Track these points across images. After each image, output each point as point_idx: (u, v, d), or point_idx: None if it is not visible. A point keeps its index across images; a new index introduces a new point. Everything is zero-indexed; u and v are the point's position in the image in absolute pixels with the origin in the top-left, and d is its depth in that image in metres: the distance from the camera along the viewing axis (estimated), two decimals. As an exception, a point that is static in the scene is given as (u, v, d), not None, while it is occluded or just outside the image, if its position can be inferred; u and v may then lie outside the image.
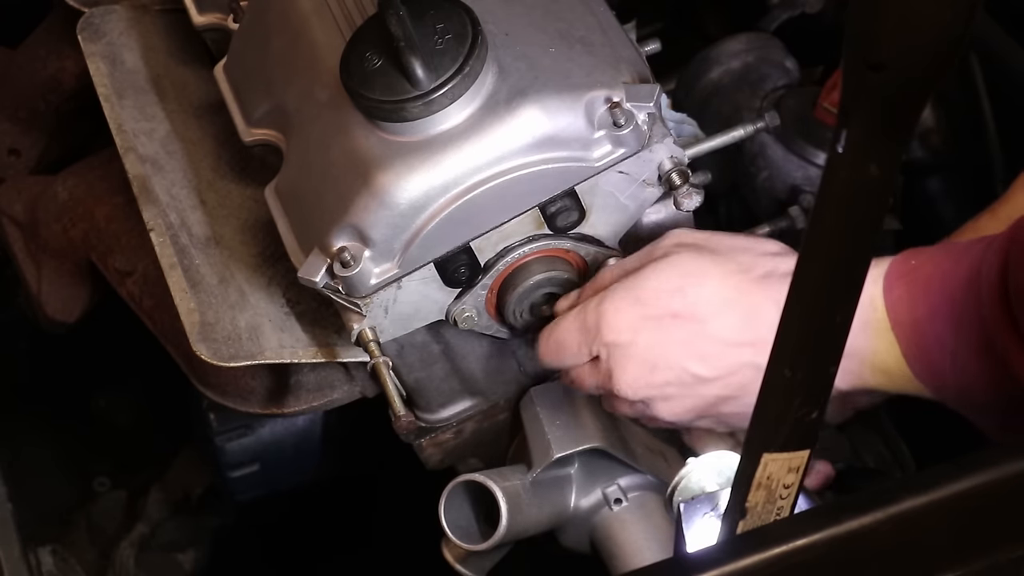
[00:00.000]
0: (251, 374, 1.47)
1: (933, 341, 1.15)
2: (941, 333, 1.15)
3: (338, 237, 1.27)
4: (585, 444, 1.38)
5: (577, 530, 1.45)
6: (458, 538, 1.36)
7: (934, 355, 1.16)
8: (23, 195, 1.65)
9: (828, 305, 0.87)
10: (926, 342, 1.16)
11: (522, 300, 1.34)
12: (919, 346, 1.16)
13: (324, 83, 1.31)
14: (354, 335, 1.31)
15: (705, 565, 0.97)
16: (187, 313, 1.37)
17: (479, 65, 1.24)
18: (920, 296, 1.15)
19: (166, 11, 1.60)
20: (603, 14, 1.36)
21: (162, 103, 1.53)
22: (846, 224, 0.83)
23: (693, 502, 1.10)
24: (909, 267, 1.17)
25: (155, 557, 1.88)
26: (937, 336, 1.15)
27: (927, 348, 1.16)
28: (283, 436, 1.68)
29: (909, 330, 1.16)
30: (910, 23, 0.74)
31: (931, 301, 1.15)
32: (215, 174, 1.49)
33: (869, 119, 0.79)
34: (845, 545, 0.95)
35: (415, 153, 1.25)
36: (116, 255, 1.56)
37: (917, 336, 1.16)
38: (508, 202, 1.28)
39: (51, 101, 1.75)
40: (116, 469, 1.96)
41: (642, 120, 1.28)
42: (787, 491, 0.97)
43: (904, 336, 1.16)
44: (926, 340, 1.16)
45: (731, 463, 1.14)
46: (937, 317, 1.14)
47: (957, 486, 0.96)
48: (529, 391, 1.44)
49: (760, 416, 0.93)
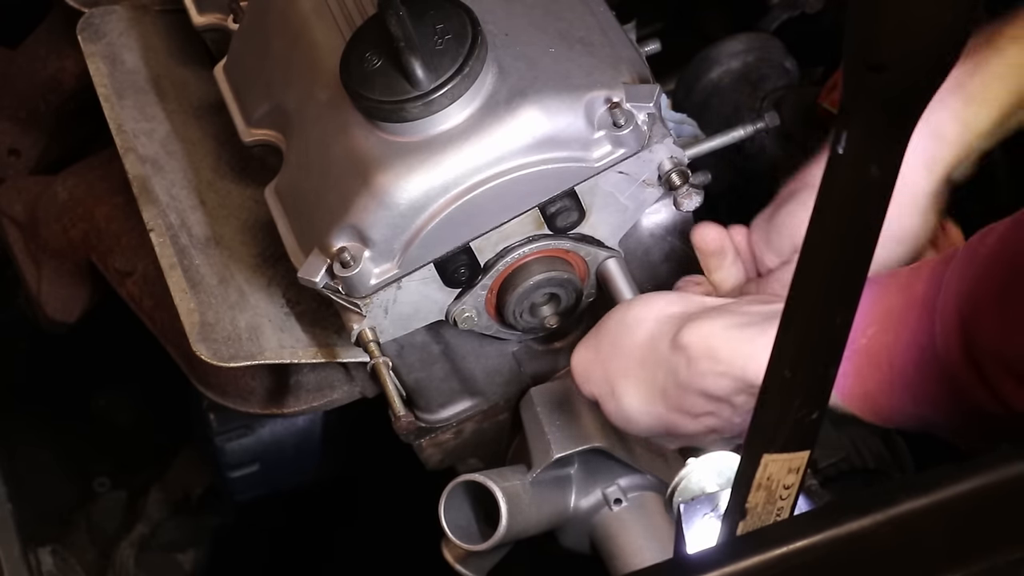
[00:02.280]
0: (251, 374, 1.47)
1: (888, 411, 1.11)
2: (897, 405, 1.10)
3: (338, 237, 1.26)
4: (585, 444, 1.38)
5: (577, 530, 1.45)
6: (458, 538, 1.36)
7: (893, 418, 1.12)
8: (23, 195, 1.65)
9: (828, 306, 0.87)
10: (882, 410, 1.12)
11: (522, 300, 1.34)
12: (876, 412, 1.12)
13: (324, 83, 1.31)
14: (354, 335, 1.31)
15: (705, 566, 0.97)
16: (187, 313, 1.37)
17: (479, 65, 1.24)
18: (867, 371, 1.10)
19: (166, 11, 1.60)
20: (603, 14, 1.36)
21: (162, 103, 1.53)
22: (846, 225, 0.83)
23: (693, 503, 1.10)
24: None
25: (155, 557, 1.88)
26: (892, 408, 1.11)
27: (883, 413, 1.12)
28: (283, 436, 1.68)
29: (861, 400, 1.12)
30: (910, 24, 0.74)
31: (880, 376, 1.10)
32: (215, 174, 1.49)
33: (869, 120, 0.79)
34: (845, 546, 0.95)
35: (415, 153, 1.25)
36: (116, 255, 1.56)
37: (872, 405, 1.12)
38: (508, 202, 1.28)
39: (51, 101, 1.75)
40: (116, 469, 1.96)
41: (642, 120, 1.28)
42: (787, 492, 0.97)
43: (857, 406, 1.12)
44: (880, 410, 1.12)
45: (731, 464, 1.14)
46: (890, 390, 1.10)
47: (957, 488, 0.96)
48: (529, 391, 1.44)
49: (760, 417, 0.93)
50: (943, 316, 1.06)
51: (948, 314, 1.05)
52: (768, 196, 1.56)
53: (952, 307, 1.05)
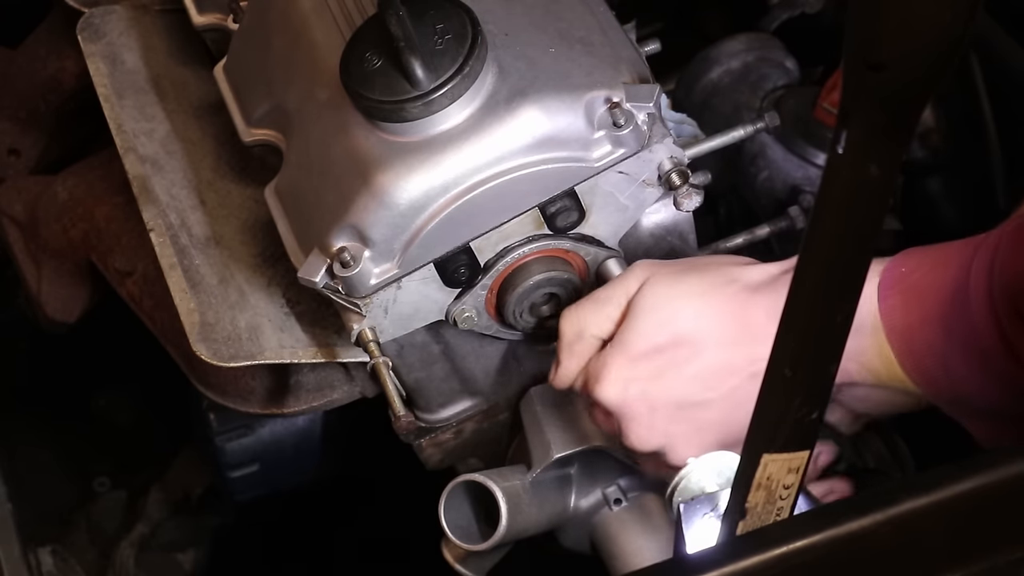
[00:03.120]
0: (251, 374, 1.47)
1: (925, 347, 1.16)
2: (933, 339, 1.15)
3: (338, 237, 1.26)
4: (585, 444, 1.38)
5: (577, 530, 1.45)
6: (458, 538, 1.36)
7: (926, 360, 1.17)
8: (23, 195, 1.65)
9: (828, 305, 0.87)
10: (918, 348, 1.16)
11: (522, 300, 1.34)
12: (912, 352, 1.17)
13: (324, 83, 1.31)
14: (354, 335, 1.31)
15: (705, 566, 0.97)
16: (187, 313, 1.37)
17: (479, 65, 1.24)
18: (913, 303, 1.16)
19: (166, 11, 1.60)
20: (603, 14, 1.36)
21: (162, 103, 1.53)
22: (846, 224, 0.83)
23: (693, 502, 1.10)
24: (901, 274, 1.18)
25: (155, 557, 1.88)
26: (929, 342, 1.16)
27: (919, 353, 1.17)
28: (283, 436, 1.68)
29: (902, 336, 1.17)
30: (910, 23, 0.74)
31: (924, 308, 1.16)
32: (215, 174, 1.49)
33: (869, 119, 0.79)
34: (845, 546, 0.95)
35: (415, 153, 1.25)
36: (116, 255, 1.56)
37: (910, 342, 1.17)
38: (508, 202, 1.28)
39: (51, 101, 1.75)
40: (116, 469, 1.96)
41: (642, 120, 1.28)
42: (787, 492, 0.97)
43: (897, 342, 1.17)
44: (918, 346, 1.16)
45: (731, 463, 1.14)
46: (929, 323, 1.15)
47: (957, 487, 0.96)
48: (529, 391, 1.44)
49: (760, 416, 0.93)
50: (976, 269, 1.11)
51: (980, 283, 1.11)
52: (768, 196, 1.57)
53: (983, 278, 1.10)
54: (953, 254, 1.17)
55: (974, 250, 1.14)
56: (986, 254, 1.12)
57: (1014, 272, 1.09)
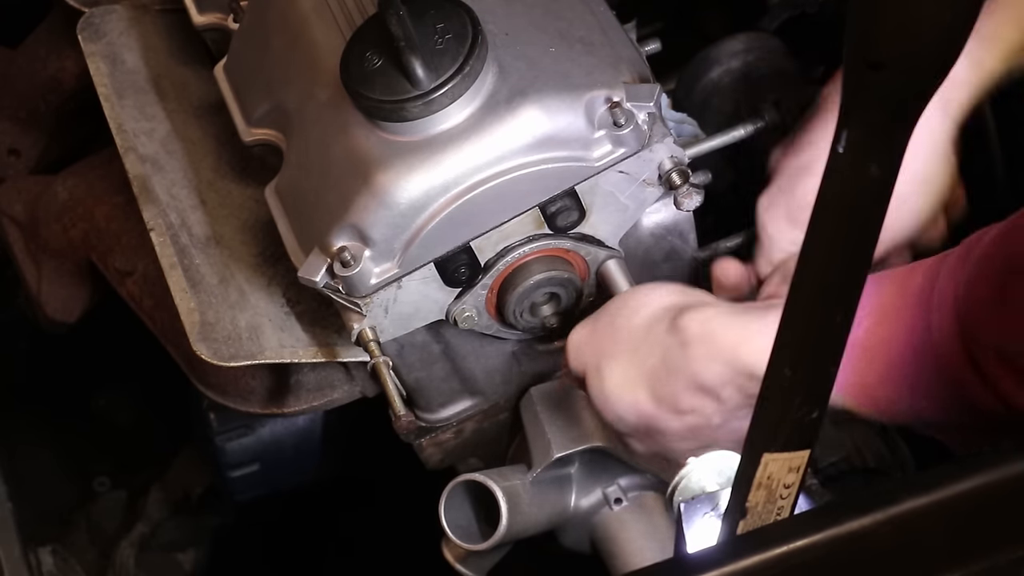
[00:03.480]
0: (251, 374, 1.47)
1: (886, 403, 1.12)
2: (895, 396, 1.11)
3: (338, 237, 1.26)
4: (585, 444, 1.38)
5: (577, 530, 1.45)
6: (458, 538, 1.36)
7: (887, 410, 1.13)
8: (23, 195, 1.65)
9: (828, 305, 0.87)
10: (879, 404, 1.12)
11: (522, 300, 1.34)
12: (872, 406, 1.13)
13: (324, 83, 1.31)
14: (354, 335, 1.31)
15: (705, 565, 0.97)
16: (187, 313, 1.37)
17: (479, 65, 1.24)
18: (864, 365, 1.11)
19: (166, 11, 1.60)
20: (603, 14, 1.36)
21: (162, 103, 1.53)
22: (847, 224, 0.83)
23: (693, 502, 1.10)
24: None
25: (155, 557, 1.88)
26: (890, 399, 1.11)
27: (880, 407, 1.13)
28: (283, 436, 1.68)
29: (859, 393, 1.12)
30: (910, 23, 0.74)
31: (878, 369, 1.11)
32: (215, 174, 1.49)
33: (869, 119, 0.79)
34: (845, 546, 0.95)
35: (415, 153, 1.25)
36: (116, 255, 1.56)
37: (870, 399, 1.12)
38: (508, 202, 1.28)
39: (51, 101, 1.75)
40: (116, 469, 1.96)
41: (642, 120, 1.28)
42: (787, 491, 0.97)
43: (854, 397, 1.13)
44: (879, 403, 1.12)
45: (731, 463, 1.14)
46: (888, 383, 1.11)
47: (957, 487, 0.96)
48: (529, 391, 1.44)
49: (760, 416, 0.93)
50: (940, 311, 1.06)
51: (945, 310, 1.06)
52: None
53: (949, 303, 1.06)
54: (896, 304, 1.10)
55: (926, 302, 1.08)
56: (946, 309, 1.06)
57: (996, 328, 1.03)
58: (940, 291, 1.07)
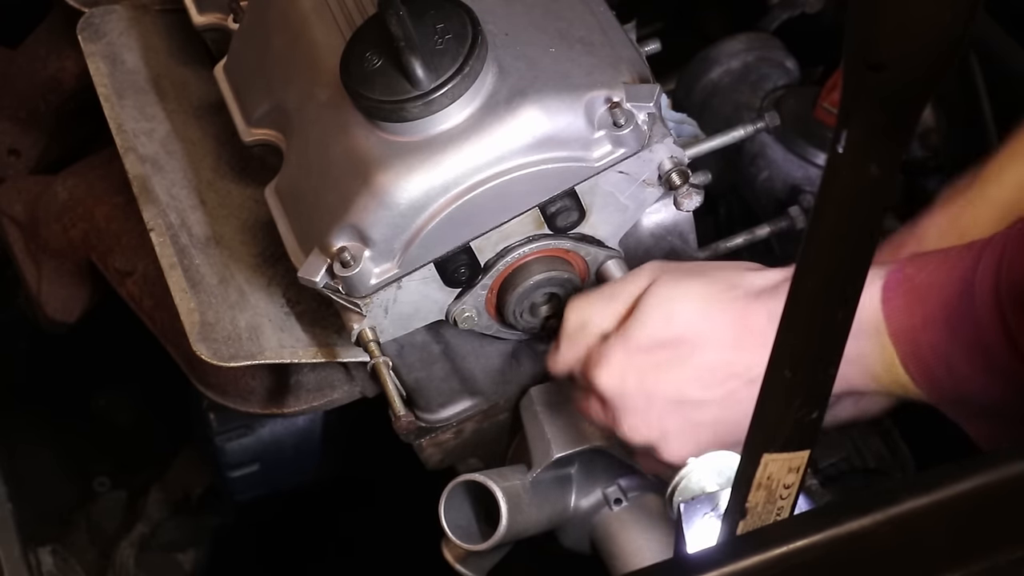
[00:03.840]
0: (251, 374, 1.47)
1: (928, 348, 1.16)
2: (936, 339, 1.15)
3: (338, 237, 1.26)
4: (585, 444, 1.37)
5: (577, 530, 1.45)
6: (458, 538, 1.36)
7: (930, 360, 1.16)
8: (23, 195, 1.65)
9: (828, 305, 0.87)
10: (922, 350, 1.16)
11: (522, 300, 1.34)
12: (916, 352, 1.17)
13: (324, 83, 1.31)
14: (354, 335, 1.31)
15: (705, 566, 0.97)
16: (187, 313, 1.37)
17: (479, 65, 1.24)
18: (916, 305, 1.16)
19: (166, 11, 1.60)
20: (603, 14, 1.36)
21: (162, 103, 1.53)
22: (847, 224, 0.83)
23: (693, 502, 1.10)
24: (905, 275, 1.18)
25: (155, 557, 1.88)
26: (932, 343, 1.16)
27: (923, 356, 1.16)
28: (283, 436, 1.68)
29: (907, 337, 1.16)
30: (910, 24, 0.74)
31: (927, 309, 1.15)
32: (215, 174, 1.49)
33: (869, 119, 0.79)
34: (845, 546, 0.95)
35: (415, 153, 1.25)
36: (116, 255, 1.56)
37: (915, 343, 1.16)
38: (508, 202, 1.28)
39: (51, 101, 1.75)
40: (116, 469, 1.96)
41: (642, 120, 1.28)
42: (787, 491, 0.97)
43: (902, 343, 1.17)
44: (923, 347, 1.16)
45: (731, 463, 1.14)
46: (933, 324, 1.15)
47: (958, 487, 0.96)
48: (529, 391, 1.44)
49: (760, 416, 0.93)
50: (983, 271, 1.13)
51: (987, 271, 1.12)
52: (768, 196, 1.56)
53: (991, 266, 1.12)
54: (957, 256, 1.17)
55: (979, 251, 1.14)
56: (993, 253, 1.12)
57: (1022, 270, 1.09)
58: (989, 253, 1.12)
